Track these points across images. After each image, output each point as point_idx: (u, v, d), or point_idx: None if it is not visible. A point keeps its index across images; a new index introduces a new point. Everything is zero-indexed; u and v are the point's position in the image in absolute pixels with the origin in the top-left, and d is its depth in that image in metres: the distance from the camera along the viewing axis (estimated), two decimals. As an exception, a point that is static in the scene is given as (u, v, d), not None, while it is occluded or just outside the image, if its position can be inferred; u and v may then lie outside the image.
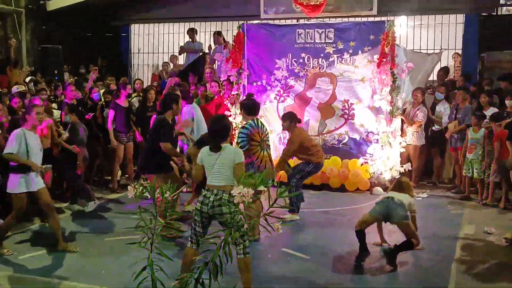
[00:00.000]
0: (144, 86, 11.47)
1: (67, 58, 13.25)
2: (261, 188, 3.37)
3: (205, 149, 5.22)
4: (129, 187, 3.73)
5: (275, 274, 5.75)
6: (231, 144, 6.79)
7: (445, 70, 11.44)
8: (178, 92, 8.44)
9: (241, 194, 3.29)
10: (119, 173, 10.16)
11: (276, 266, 5.98)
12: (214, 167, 5.05)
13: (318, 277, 5.70)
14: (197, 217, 5.04)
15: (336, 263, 6.11)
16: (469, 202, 9.01)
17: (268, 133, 7.09)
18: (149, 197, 3.77)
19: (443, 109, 10.16)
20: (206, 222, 5.07)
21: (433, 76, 11.67)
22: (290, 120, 8.06)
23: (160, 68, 14.48)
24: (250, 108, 7.02)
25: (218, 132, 5.19)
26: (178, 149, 7.78)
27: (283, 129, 8.64)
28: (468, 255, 6.37)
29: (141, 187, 3.76)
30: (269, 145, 7.08)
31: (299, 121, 8.23)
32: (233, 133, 9.28)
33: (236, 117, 10.16)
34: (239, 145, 6.78)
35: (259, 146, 6.86)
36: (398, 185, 6.42)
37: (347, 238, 6.89)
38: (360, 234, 6.11)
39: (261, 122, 7.05)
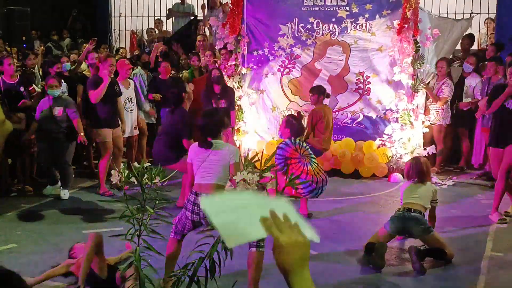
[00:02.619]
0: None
1: (37, 22, 13.16)
2: (267, 174, 3.37)
3: (194, 145, 5.30)
4: (113, 171, 3.75)
5: (276, 272, 5.74)
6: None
7: (470, 38, 11.38)
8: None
9: (245, 181, 3.28)
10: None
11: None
12: (204, 163, 5.07)
13: (327, 277, 5.72)
14: (188, 221, 5.07)
15: (349, 261, 6.14)
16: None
17: (307, 147, 7.35)
18: (135, 182, 3.80)
19: (473, 83, 10.13)
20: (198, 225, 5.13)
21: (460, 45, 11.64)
22: (318, 93, 8.71)
23: (145, 34, 14.44)
24: (296, 131, 7.40)
25: (205, 127, 5.24)
26: None
27: (311, 103, 8.98)
28: (501, 252, 6.40)
29: (126, 172, 3.78)
30: (312, 158, 7.30)
31: (328, 95, 8.95)
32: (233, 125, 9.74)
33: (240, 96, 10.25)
34: (278, 167, 7.08)
35: (299, 163, 7.08)
36: (418, 171, 6.40)
37: (361, 232, 6.92)
38: (369, 248, 6.12)
39: (298, 140, 7.31)
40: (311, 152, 7.36)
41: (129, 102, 9.29)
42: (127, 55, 12.29)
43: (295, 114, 8.07)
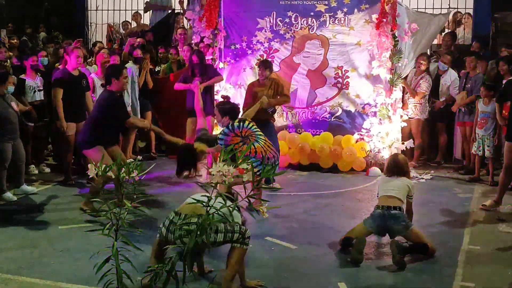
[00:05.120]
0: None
1: (11, 15, 13.02)
2: (244, 166, 3.36)
3: None
4: (89, 165, 3.73)
5: (257, 267, 5.77)
6: None
7: (452, 36, 11.46)
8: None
9: (221, 173, 3.28)
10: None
11: (258, 257, 6.00)
12: None
13: (305, 271, 5.72)
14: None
15: (327, 255, 6.15)
16: (480, 184, 9.15)
17: (251, 126, 7.08)
18: (113, 176, 3.78)
19: (448, 81, 10.22)
20: None
21: (439, 41, 11.73)
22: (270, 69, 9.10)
23: (120, 28, 14.35)
24: (233, 114, 7.22)
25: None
26: None
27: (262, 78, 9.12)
28: (478, 245, 6.45)
29: (103, 166, 3.77)
30: (258, 136, 7.08)
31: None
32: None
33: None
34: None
35: (244, 144, 6.89)
36: (396, 166, 6.46)
37: (340, 225, 6.94)
38: (346, 243, 6.13)
39: (237, 122, 7.07)
40: (256, 129, 7.11)
41: None
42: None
43: (222, 100, 7.88)
